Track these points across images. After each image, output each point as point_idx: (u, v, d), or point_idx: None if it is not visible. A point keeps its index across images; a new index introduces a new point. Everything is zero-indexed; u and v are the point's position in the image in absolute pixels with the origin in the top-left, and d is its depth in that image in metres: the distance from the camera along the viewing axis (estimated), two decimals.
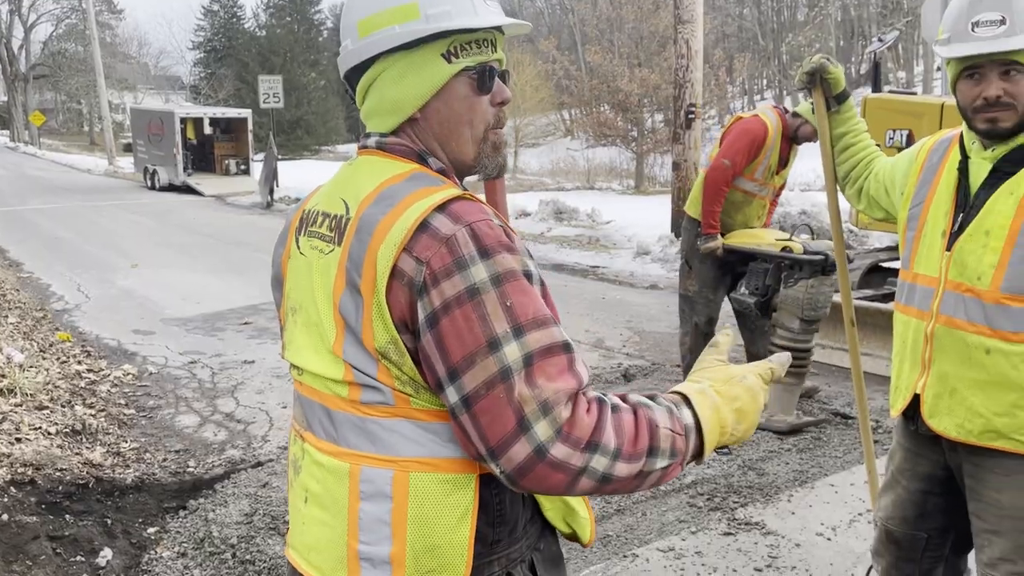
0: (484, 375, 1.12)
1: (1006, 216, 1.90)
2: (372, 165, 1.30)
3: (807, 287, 4.44)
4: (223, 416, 5.19)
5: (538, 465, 1.12)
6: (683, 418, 1.21)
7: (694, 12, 10.47)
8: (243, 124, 22.11)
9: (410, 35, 1.24)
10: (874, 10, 30.75)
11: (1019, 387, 1.90)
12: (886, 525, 2.31)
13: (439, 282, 1.13)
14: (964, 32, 1.90)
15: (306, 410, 1.33)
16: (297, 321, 1.32)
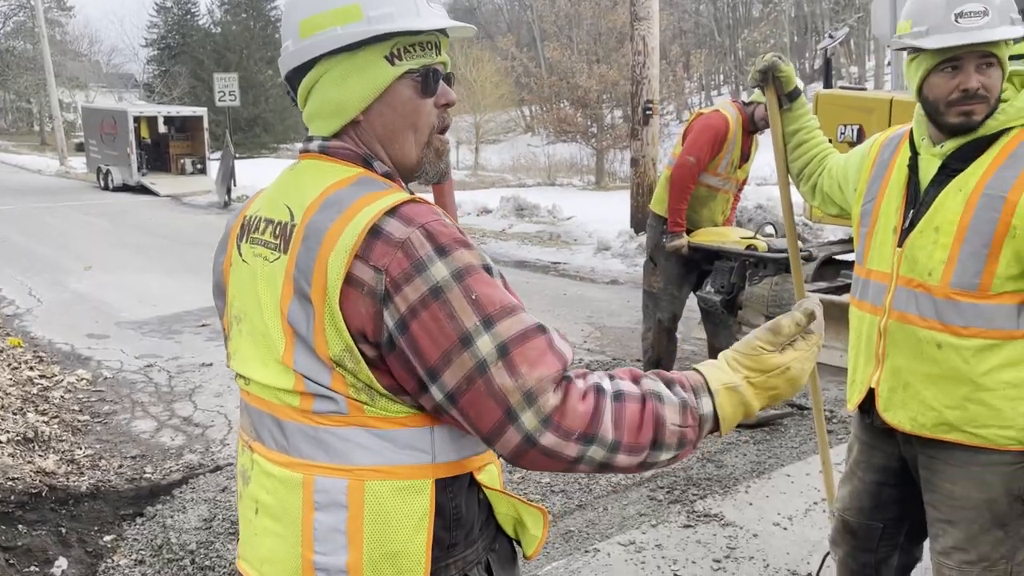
0: (462, 371, 1.12)
1: (955, 212, 1.93)
2: (316, 170, 1.29)
3: (771, 284, 4.49)
4: (181, 420, 5.12)
5: (530, 452, 1.13)
6: (700, 408, 1.18)
7: (650, 9, 10.55)
8: (199, 122, 21.75)
9: (352, 37, 1.23)
10: (826, 6, 31.25)
11: (970, 381, 1.94)
12: (843, 516, 2.35)
13: (401, 287, 1.13)
14: (947, 23, 1.86)
15: (254, 420, 1.31)
16: (242, 330, 1.30)
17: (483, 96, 33.96)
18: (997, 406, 1.92)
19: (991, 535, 1.98)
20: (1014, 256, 1.87)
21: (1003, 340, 1.90)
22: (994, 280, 1.89)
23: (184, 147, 22.17)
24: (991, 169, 1.91)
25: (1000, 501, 1.96)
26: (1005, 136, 1.92)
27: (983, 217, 1.89)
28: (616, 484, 4.03)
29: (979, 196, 1.90)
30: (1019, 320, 1.89)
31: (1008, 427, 1.92)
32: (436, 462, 1.22)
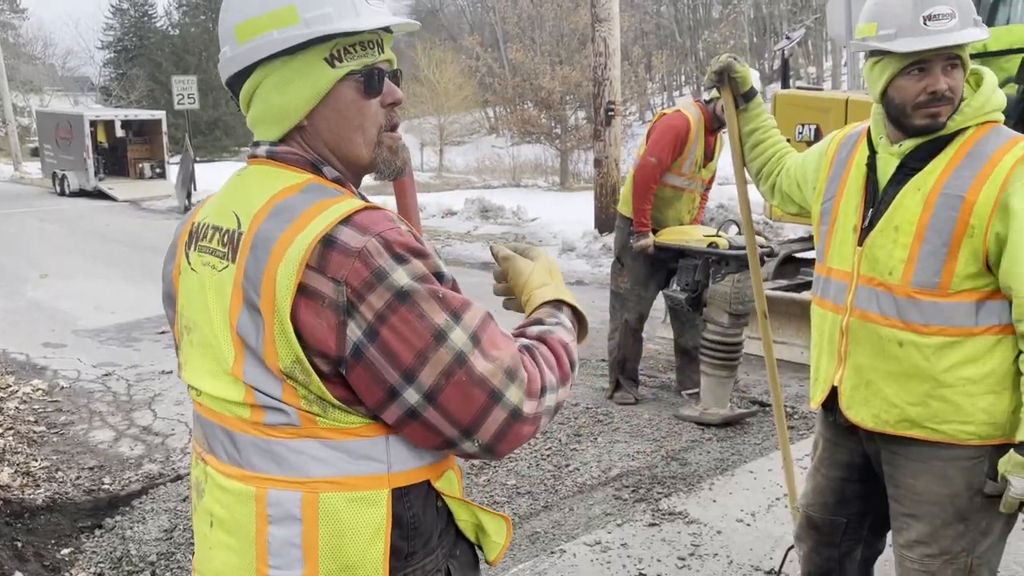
0: (441, 366, 1.14)
1: (914, 212, 1.95)
2: (264, 175, 1.26)
3: (734, 282, 4.53)
4: (140, 429, 5.03)
5: (514, 425, 1.18)
6: (566, 322, 1.35)
7: (610, 11, 10.61)
8: (157, 126, 21.43)
9: (289, 41, 1.20)
10: (784, 8, 31.69)
11: (931, 378, 1.96)
12: (807, 512, 2.38)
13: (364, 297, 1.12)
14: (916, 26, 1.86)
15: (207, 432, 1.29)
16: (192, 341, 1.28)
17: (447, 98, 33.87)
18: (957, 402, 1.95)
19: (953, 529, 2.01)
20: (972, 255, 1.89)
21: (962, 337, 1.93)
22: (953, 278, 1.91)
23: (142, 151, 21.84)
24: (949, 168, 1.93)
25: (961, 495, 1.99)
26: (962, 135, 1.95)
27: (942, 216, 1.91)
28: (582, 484, 4.04)
29: (937, 195, 1.92)
30: (977, 317, 1.92)
31: (968, 422, 1.95)
32: (392, 471, 1.21)
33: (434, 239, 12.48)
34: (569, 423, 4.82)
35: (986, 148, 1.91)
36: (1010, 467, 1.88)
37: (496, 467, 4.23)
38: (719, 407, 4.66)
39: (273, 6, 1.21)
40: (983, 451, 1.97)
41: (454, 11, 53.93)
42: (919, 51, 1.87)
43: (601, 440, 4.58)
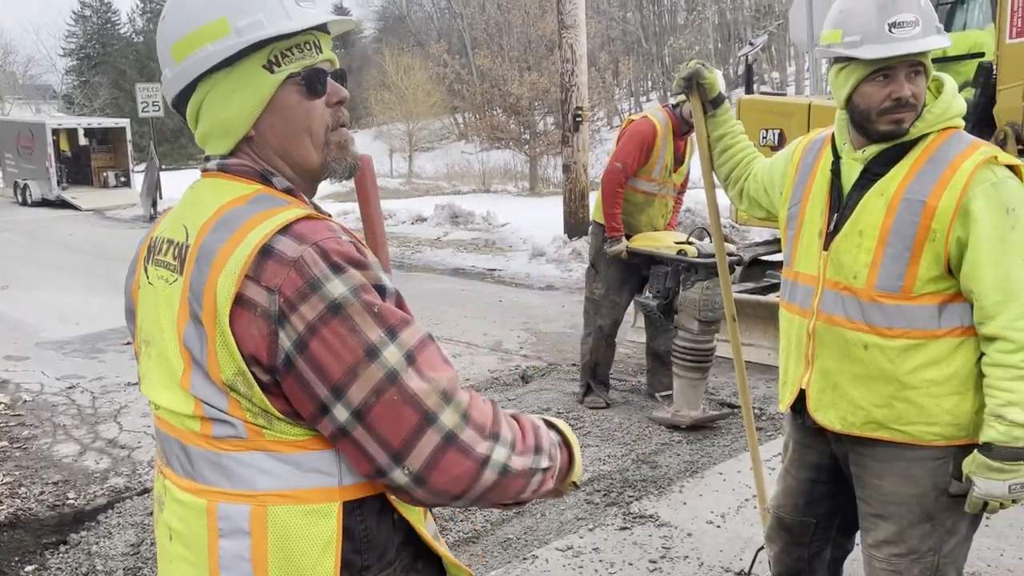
0: (371, 383, 1.10)
1: (877, 217, 1.98)
2: (214, 188, 1.26)
3: (703, 289, 4.54)
4: (105, 443, 4.95)
5: (448, 452, 1.13)
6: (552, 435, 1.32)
7: (576, 17, 10.67)
8: (121, 134, 21.17)
9: (225, 52, 1.20)
10: (748, 14, 32.08)
11: (895, 380, 1.99)
12: (777, 513, 2.41)
13: (296, 307, 1.10)
14: (882, 33, 1.89)
15: (164, 446, 1.29)
16: (150, 354, 1.27)
17: (415, 104, 33.79)
18: (922, 403, 1.98)
19: (919, 528, 2.04)
20: (934, 258, 1.93)
21: (926, 340, 1.96)
22: (916, 282, 1.95)
23: (106, 159, 21.55)
24: (911, 174, 1.96)
25: (927, 495, 2.02)
26: (924, 141, 1.98)
27: (904, 221, 1.94)
28: None
29: (900, 200, 1.96)
30: (940, 320, 1.96)
31: (933, 423, 1.98)
32: (343, 484, 1.20)
33: (404, 246, 12.45)
34: None
35: (947, 154, 1.94)
36: (974, 468, 1.92)
37: None
38: (691, 409, 4.68)
39: (204, 20, 1.21)
40: (948, 451, 2.00)
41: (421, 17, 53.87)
42: (885, 58, 1.90)
43: None
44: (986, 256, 1.87)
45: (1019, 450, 1.87)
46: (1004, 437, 1.87)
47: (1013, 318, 1.86)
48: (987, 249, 1.87)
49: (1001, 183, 1.89)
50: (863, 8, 1.93)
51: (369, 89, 37.08)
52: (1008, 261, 1.87)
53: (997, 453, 1.87)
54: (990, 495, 1.90)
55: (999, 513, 2.04)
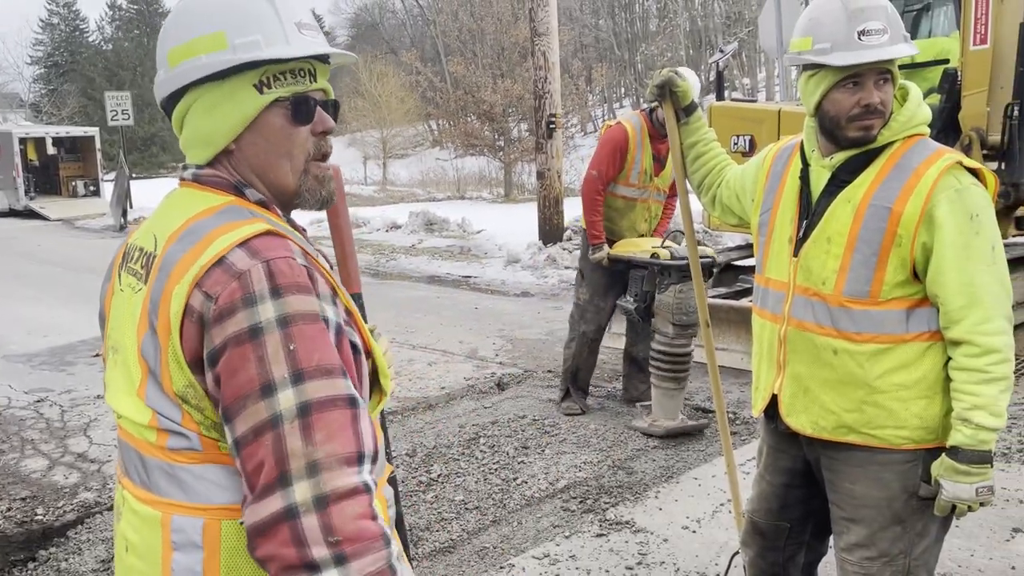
0: (254, 420, 1.07)
1: (844, 223, 2.01)
2: (186, 198, 1.27)
3: (676, 292, 4.55)
4: (75, 457, 4.87)
5: (279, 530, 1.04)
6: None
7: (549, 25, 10.72)
8: (90, 143, 20.91)
9: (216, 65, 1.21)
10: (719, 21, 32.40)
11: (865, 384, 2.02)
12: (752, 517, 2.42)
13: (223, 319, 1.09)
14: (851, 41, 1.92)
15: (124, 455, 1.28)
16: (116, 361, 1.27)
17: (389, 111, 33.72)
18: (891, 407, 2.00)
19: (890, 531, 2.06)
20: (900, 264, 1.95)
21: (894, 344, 1.99)
22: (883, 287, 1.97)
23: (75, 169, 21.28)
24: (877, 181, 1.99)
25: (898, 498, 2.05)
26: (890, 148, 2.01)
27: (871, 227, 1.97)
28: (530, 497, 4.04)
29: (866, 207, 1.98)
30: (908, 324, 1.98)
31: (902, 427, 2.01)
32: None
33: (378, 253, 12.40)
34: (516, 435, 4.82)
35: (912, 161, 1.97)
36: (942, 471, 1.94)
37: (443, 483, 4.21)
38: (669, 419, 4.67)
39: (203, 31, 1.22)
40: (917, 455, 2.02)
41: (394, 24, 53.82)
42: (854, 65, 1.92)
43: (548, 452, 4.59)
44: (950, 261, 1.90)
45: (985, 453, 1.90)
46: (970, 440, 1.89)
47: (977, 322, 1.89)
48: (951, 254, 1.90)
49: (965, 189, 1.92)
50: (833, 16, 1.96)
51: (342, 96, 36.98)
52: (972, 266, 1.89)
53: (964, 456, 1.90)
54: (957, 498, 1.92)
55: (969, 514, 2.06)
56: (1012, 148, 5.61)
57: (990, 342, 1.89)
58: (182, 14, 1.26)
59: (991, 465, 1.92)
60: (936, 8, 6.80)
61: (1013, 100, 5.56)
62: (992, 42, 5.60)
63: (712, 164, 2.53)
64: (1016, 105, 5.54)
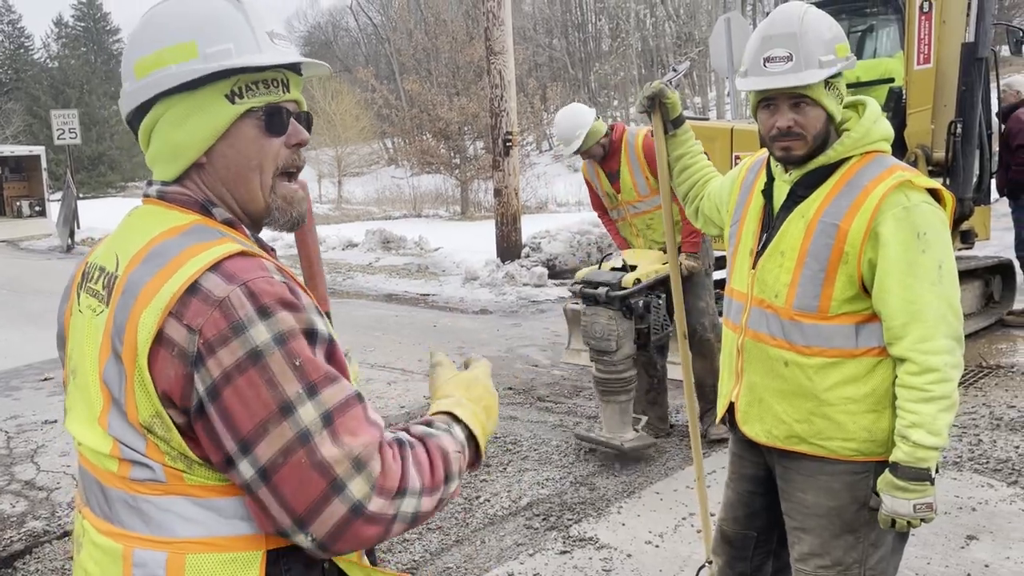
0: (280, 442, 1.05)
1: (796, 238, 2.05)
2: (150, 217, 1.22)
3: (582, 315, 4.48)
4: (22, 484, 4.71)
5: (354, 523, 1.07)
6: (458, 436, 1.24)
7: (504, 44, 10.79)
8: (36, 162, 20.42)
9: (187, 75, 1.17)
10: (670, 40, 32.96)
11: (814, 396, 2.05)
12: (721, 526, 2.44)
13: (215, 350, 1.05)
14: (757, 67, 2.02)
15: (85, 484, 1.23)
16: (77, 385, 1.22)
17: (344, 129, 33.56)
18: (839, 420, 2.03)
19: (843, 540, 2.09)
20: (848, 280, 1.99)
21: (843, 358, 2.02)
22: (831, 303, 2.00)
23: (20, 188, 20.77)
24: (829, 197, 2.02)
25: (847, 508, 2.07)
26: (845, 164, 2.05)
27: (820, 243, 2.01)
28: (493, 516, 4.02)
29: (816, 223, 2.02)
30: (857, 340, 2.01)
31: (850, 439, 2.04)
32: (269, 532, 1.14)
33: (335, 272, 12.28)
34: None
35: (863, 178, 2.01)
36: (883, 485, 1.96)
37: None
38: (622, 434, 4.54)
39: (173, 40, 1.18)
40: (868, 466, 2.05)
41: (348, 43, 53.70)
42: (752, 90, 2.06)
43: (511, 469, 4.57)
44: (894, 278, 1.93)
45: (923, 471, 1.91)
46: (908, 458, 1.91)
47: (917, 340, 1.92)
48: (895, 272, 1.92)
49: (914, 207, 1.93)
50: (751, 43, 2.08)
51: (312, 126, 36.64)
52: (916, 284, 1.91)
53: (902, 473, 1.92)
54: (896, 513, 1.94)
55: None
56: (956, 164, 5.80)
57: (929, 361, 1.90)
58: (149, 24, 1.21)
59: (931, 483, 1.92)
60: (880, 29, 7.02)
61: (956, 118, 5.75)
62: (935, 62, 5.79)
63: (697, 176, 2.56)
64: (959, 123, 5.74)
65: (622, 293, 4.31)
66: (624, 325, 4.36)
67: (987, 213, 6.88)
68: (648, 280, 4.43)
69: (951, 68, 5.75)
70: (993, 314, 6.92)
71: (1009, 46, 7.22)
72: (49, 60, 44.93)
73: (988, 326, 6.75)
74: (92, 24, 50.69)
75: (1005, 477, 4.11)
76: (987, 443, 4.53)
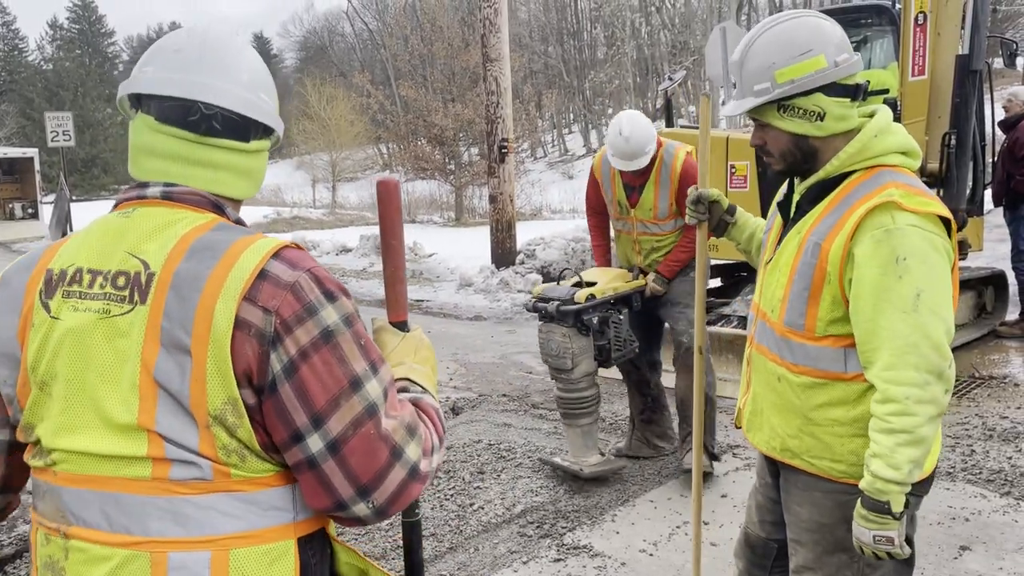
0: (351, 415, 1.13)
1: (790, 255, 2.03)
2: (161, 216, 1.21)
3: (539, 332, 4.34)
4: None
5: (410, 484, 1.19)
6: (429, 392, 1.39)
7: (500, 51, 10.82)
8: (29, 164, 20.39)
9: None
10: (665, 49, 33.09)
11: (802, 414, 2.04)
12: (746, 528, 2.42)
13: (292, 330, 1.12)
14: (729, 91, 2.10)
15: (68, 502, 1.17)
16: (53, 395, 1.17)
17: (339, 134, 33.57)
18: (827, 441, 2.01)
19: (835, 558, 2.07)
20: (832, 300, 1.94)
21: (830, 380, 1.98)
22: (817, 323, 1.97)
23: (12, 190, 20.72)
24: (822, 215, 1.99)
25: (838, 527, 2.04)
26: (847, 179, 2.00)
27: (806, 262, 1.98)
28: (487, 523, 4.01)
29: (806, 241, 1.99)
30: (846, 364, 1.96)
31: (838, 461, 2.01)
32: (297, 520, 1.20)
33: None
34: (472, 460, 4.79)
35: (855, 196, 1.95)
36: (855, 515, 1.91)
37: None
38: (586, 457, 4.34)
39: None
40: (857, 489, 1.97)
41: (344, 48, 53.76)
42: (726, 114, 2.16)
43: (504, 476, 4.56)
44: (866, 302, 1.84)
45: (880, 503, 1.83)
46: (868, 487, 1.85)
47: (883, 368, 1.83)
48: (867, 295, 1.84)
49: (898, 230, 1.82)
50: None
51: (291, 119, 36.71)
52: (887, 309, 1.82)
53: (864, 502, 1.87)
54: (859, 540, 1.90)
55: (915, 533, 2.09)
56: (950, 175, 5.83)
57: (888, 391, 1.82)
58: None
59: (892, 517, 1.82)
60: (873, 41, 7.06)
61: (950, 129, 5.78)
62: (930, 73, 5.83)
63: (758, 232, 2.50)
64: (953, 134, 5.77)
65: (574, 308, 4.13)
66: (580, 342, 4.18)
67: (980, 224, 6.93)
68: (605, 296, 4.24)
69: (945, 80, 5.79)
70: (986, 325, 6.96)
71: (1003, 58, 7.26)
72: (43, 62, 44.84)
73: (981, 337, 6.78)
74: (87, 26, 50.60)
75: (998, 488, 4.12)
76: (980, 454, 4.54)
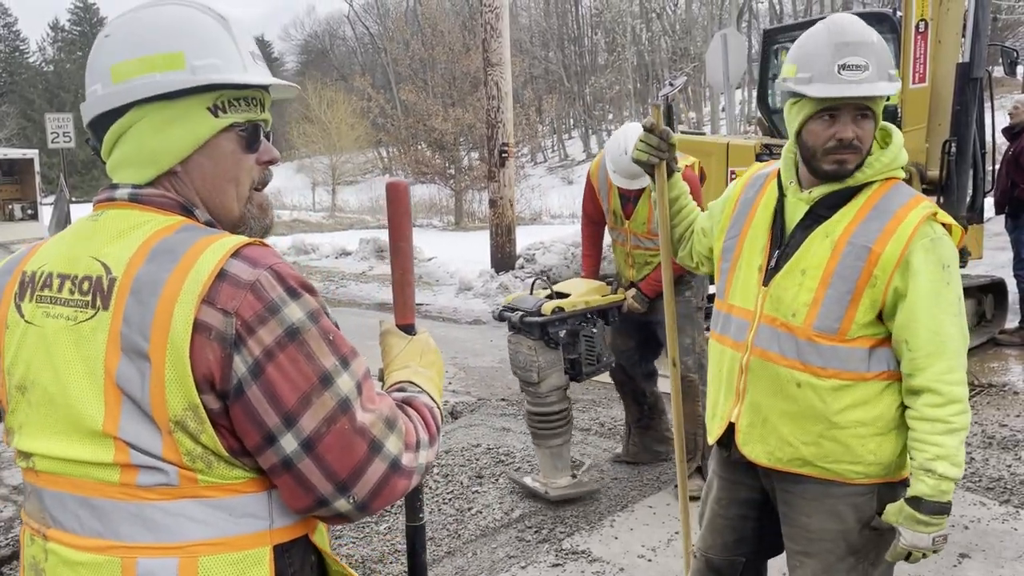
0: (324, 411, 1.11)
1: (822, 258, 2.01)
2: (127, 219, 1.20)
3: (508, 343, 4.22)
4: (10, 489, 4.67)
5: (392, 478, 1.17)
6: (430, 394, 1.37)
7: (502, 55, 10.83)
8: (29, 165, 20.34)
9: (174, 84, 1.18)
10: (665, 55, 33.16)
11: (825, 419, 2.02)
12: (705, 555, 2.37)
13: (255, 330, 1.09)
14: (830, 74, 1.92)
15: (49, 504, 1.17)
16: (31, 401, 1.17)
17: (339, 137, 33.63)
18: (848, 443, 2.02)
19: (845, 563, 2.07)
20: (871, 304, 1.96)
21: (855, 381, 2.00)
22: (852, 325, 1.98)
23: (12, 191, 20.67)
24: (857, 219, 1.99)
25: (852, 531, 2.05)
26: (868, 189, 2.02)
27: (848, 264, 1.97)
28: (485, 527, 4.00)
29: (845, 244, 1.98)
30: (869, 363, 1.99)
31: (857, 463, 2.02)
32: (274, 527, 1.17)
33: (328, 280, 12.28)
34: (470, 464, 4.78)
35: (891, 204, 1.99)
36: (902, 519, 1.94)
37: (397, 514, 4.14)
38: (558, 478, 4.24)
39: (159, 49, 1.19)
40: (872, 488, 2.04)
41: (345, 52, 53.86)
42: (828, 98, 1.94)
43: (503, 481, 4.55)
44: (923, 309, 1.92)
45: (945, 504, 1.90)
46: (932, 492, 1.89)
47: (942, 371, 1.91)
48: (924, 303, 1.92)
49: (939, 240, 1.94)
50: (819, 48, 1.97)
51: (291, 122, 36.75)
52: (941, 315, 1.92)
53: (926, 507, 1.90)
54: (915, 547, 1.92)
55: None
56: (950, 183, 5.83)
57: (953, 392, 1.91)
58: (130, 30, 1.21)
59: (948, 515, 1.92)
60: None
61: (950, 137, 5.79)
62: (930, 81, 5.83)
63: (691, 218, 2.51)
64: (953, 142, 5.77)
65: (539, 320, 3.98)
66: (547, 355, 4.05)
67: (980, 232, 6.93)
68: (574, 310, 4.11)
69: (946, 87, 5.79)
70: (985, 333, 6.96)
71: (1003, 66, 7.28)
72: (44, 64, 44.92)
73: (980, 345, 6.78)
74: (88, 28, 50.70)
75: (997, 496, 4.11)
76: (979, 461, 4.54)
